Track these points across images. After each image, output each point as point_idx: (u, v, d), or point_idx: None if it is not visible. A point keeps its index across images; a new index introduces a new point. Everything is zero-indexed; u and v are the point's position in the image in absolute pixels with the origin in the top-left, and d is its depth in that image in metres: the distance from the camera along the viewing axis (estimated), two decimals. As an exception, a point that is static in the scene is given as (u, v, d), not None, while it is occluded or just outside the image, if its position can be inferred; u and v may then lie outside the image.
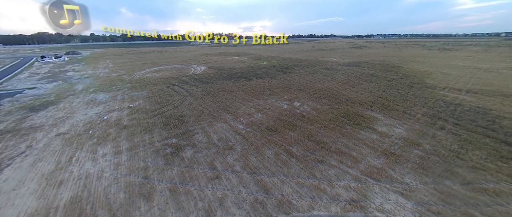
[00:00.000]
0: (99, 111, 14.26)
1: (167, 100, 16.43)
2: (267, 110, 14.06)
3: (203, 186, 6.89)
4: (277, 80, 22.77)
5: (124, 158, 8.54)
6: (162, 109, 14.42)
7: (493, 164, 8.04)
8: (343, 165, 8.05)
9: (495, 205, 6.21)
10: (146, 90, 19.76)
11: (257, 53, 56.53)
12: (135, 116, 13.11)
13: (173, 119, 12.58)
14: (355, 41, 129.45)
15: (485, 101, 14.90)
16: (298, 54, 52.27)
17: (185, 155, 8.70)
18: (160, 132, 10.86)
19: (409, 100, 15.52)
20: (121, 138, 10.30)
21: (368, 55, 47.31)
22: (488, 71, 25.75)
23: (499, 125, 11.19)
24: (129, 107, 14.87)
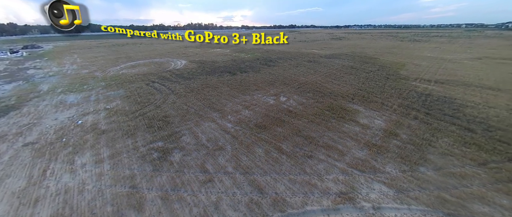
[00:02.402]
0: (71, 115, 13.08)
1: (148, 99, 15.58)
2: (254, 106, 14.06)
3: (196, 191, 6.79)
4: (262, 74, 22.73)
5: (107, 167, 8.03)
6: (144, 109, 13.67)
7: (458, 150, 9.02)
8: (330, 159, 8.45)
9: (462, 187, 7.03)
10: (123, 88, 18.50)
11: (240, 45, 55.51)
12: (114, 119, 12.27)
13: (157, 120, 12.02)
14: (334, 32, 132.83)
15: (450, 91, 16.45)
16: (280, 46, 52.38)
17: (174, 159, 8.44)
18: (144, 136, 10.33)
19: (386, 91, 16.56)
20: (100, 144, 9.62)
21: (347, 47, 49.04)
22: (452, 62, 28.29)
23: (463, 113, 12.50)
24: (106, 109, 13.85)
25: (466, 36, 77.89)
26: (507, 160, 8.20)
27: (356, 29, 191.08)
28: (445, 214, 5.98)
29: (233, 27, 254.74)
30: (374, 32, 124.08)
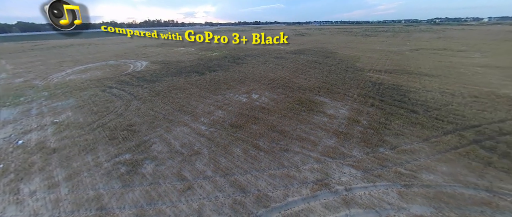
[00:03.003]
0: (7, 135, 10.90)
1: (106, 107, 13.98)
2: (227, 106, 13.91)
3: (176, 201, 6.46)
4: (231, 72, 22.52)
5: (64, 191, 6.99)
6: (102, 119, 12.22)
7: (407, 129, 10.54)
8: (305, 150, 8.97)
9: (412, 160, 8.27)
10: (73, 97, 16.18)
11: (205, 43, 53.67)
12: (66, 134, 10.69)
13: (120, 130, 10.91)
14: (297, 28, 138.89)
15: (397, 79, 18.98)
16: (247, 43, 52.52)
17: (146, 171, 7.83)
18: (106, 149, 9.28)
19: (347, 83, 18.21)
20: (52, 166, 8.29)
21: (310, 42, 51.97)
22: (396, 54, 32.56)
23: (408, 97, 14.59)
24: (54, 123, 11.95)
25: (405, 30, 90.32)
26: (443, 134, 9.94)
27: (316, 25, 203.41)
28: (402, 186, 6.99)
29: (196, 24, 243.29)
30: (332, 28, 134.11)
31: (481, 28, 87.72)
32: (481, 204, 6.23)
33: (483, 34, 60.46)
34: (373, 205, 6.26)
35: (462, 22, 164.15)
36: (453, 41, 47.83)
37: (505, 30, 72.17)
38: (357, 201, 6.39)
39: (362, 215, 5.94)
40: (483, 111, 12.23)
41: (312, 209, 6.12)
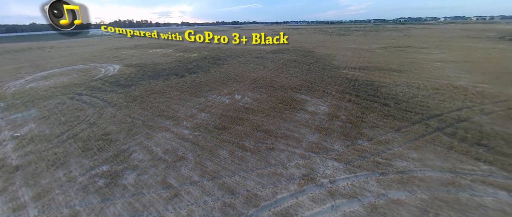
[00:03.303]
0: (-45, 152, 9.49)
1: (77, 117, 12.88)
2: (210, 108, 13.69)
3: (163, 210, 6.22)
4: (212, 74, 22.18)
5: (33, 212, 6.31)
6: (73, 130, 11.25)
7: (381, 121, 11.39)
8: (290, 147, 9.23)
9: (387, 150, 8.97)
10: (35, 107, 14.62)
11: (183, 44, 52.03)
12: (31, 149, 9.64)
13: (95, 140, 10.14)
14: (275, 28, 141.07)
15: (370, 75, 20.34)
16: (226, 43, 52.04)
17: (127, 182, 7.40)
18: (80, 162, 8.57)
19: (325, 80, 19.05)
20: (16, 185, 7.43)
21: (288, 42, 53.18)
22: (368, 51, 34.82)
23: (380, 92, 15.73)
24: (15, 138, 10.70)
25: (375, 29, 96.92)
26: (411, 124, 10.92)
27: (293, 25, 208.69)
28: (380, 174, 7.56)
29: (171, 24, 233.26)
30: (309, 28, 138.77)
31: (438, 27, 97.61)
32: (447, 184, 7.00)
33: (440, 32, 67.39)
34: (355, 194, 6.68)
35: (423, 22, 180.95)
36: (415, 39, 52.57)
37: (458, 29, 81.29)
38: (341, 192, 6.76)
39: (346, 205, 6.31)
40: (444, 101, 13.68)
41: (300, 204, 6.34)
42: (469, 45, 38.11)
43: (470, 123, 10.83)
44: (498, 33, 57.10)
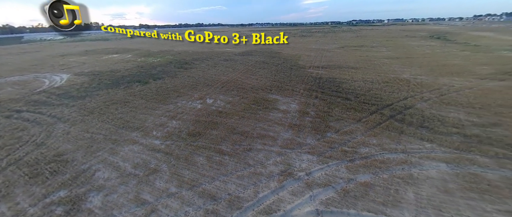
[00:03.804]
0: None
1: (18, 138, 10.91)
2: (181, 114, 13.12)
3: (139, 227, 5.75)
4: (180, 79, 21.24)
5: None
6: (14, 155, 9.48)
7: (345, 114, 12.56)
8: (267, 146, 9.49)
9: (352, 139, 9.95)
10: (-43, 129, 11.86)
11: (144, 47, 48.40)
12: (-45, 180, 7.79)
13: (45, 163, 8.74)
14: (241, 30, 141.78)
15: (332, 73, 22.18)
16: (192, 46, 50.31)
17: (93, 205, 6.61)
18: (29, 191, 7.30)
19: (293, 79, 20.06)
20: None
21: (256, 45, 54.18)
22: (328, 51, 37.84)
23: (342, 88, 17.31)
24: None
25: (332, 31, 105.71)
26: (369, 114, 12.33)
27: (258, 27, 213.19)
28: (348, 161, 8.35)
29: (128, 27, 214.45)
30: (273, 30, 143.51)
31: (384, 28, 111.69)
32: (401, 163, 8.14)
33: (385, 33, 77.23)
34: (329, 182, 7.26)
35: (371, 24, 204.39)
36: (366, 39, 59.24)
37: (398, 29, 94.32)
38: (317, 182, 7.27)
39: (322, 193, 6.82)
40: (393, 92, 15.80)
41: (282, 199, 6.60)
42: (408, 43, 44.68)
43: (414, 110, 12.76)
44: (429, 32, 68.31)
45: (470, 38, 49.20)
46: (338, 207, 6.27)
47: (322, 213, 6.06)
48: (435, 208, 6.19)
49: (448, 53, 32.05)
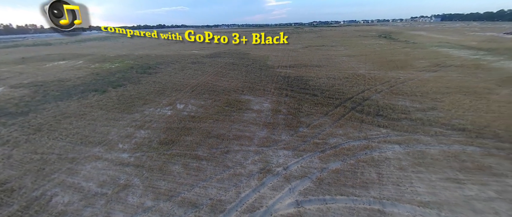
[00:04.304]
0: None
1: None
2: (149, 123, 12.30)
3: (113, 248, 5.26)
4: (144, 85, 19.80)
5: None
6: None
7: (313, 109, 13.48)
8: (244, 147, 9.61)
9: (322, 132, 10.76)
10: None
11: (97, 52, 43.40)
12: None
13: (-19, 192, 7.26)
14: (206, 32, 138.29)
15: (299, 72, 23.46)
16: (155, 49, 47.22)
17: (52, 231, 5.77)
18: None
19: (263, 80, 20.60)
20: None
21: (223, 45, 53.69)
22: (294, 51, 39.82)
23: (309, 85, 18.49)
24: None
25: (296, 32, 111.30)
26: (335, 108, 13.49)
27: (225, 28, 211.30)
28: (320, 152, 9.04)
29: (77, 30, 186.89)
30: (240, 31, 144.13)
31: (341, 29, 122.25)
32: (364, 148, 9.17)
33: (342, 33, 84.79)
34: (305, 173, 7.77)
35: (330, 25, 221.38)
36: (327, 39, 64.16)
37: (353, 30, 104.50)
38: (294, 175, 7.70)
39: (300, 185, 7.26)
40: (352, 87, 17.55)
41: (263, 195, 6.81)
42: (361, 42, 49.93)
43: (370, 101, 14.42)
44: (377, 32, 77.42)
45: (409, 36, 57.55)
46: (315, 195, 6.76)
47: (301, 203, 6.46)
48: (393, 183, 7.18)
49: (393, 50, 36.94)
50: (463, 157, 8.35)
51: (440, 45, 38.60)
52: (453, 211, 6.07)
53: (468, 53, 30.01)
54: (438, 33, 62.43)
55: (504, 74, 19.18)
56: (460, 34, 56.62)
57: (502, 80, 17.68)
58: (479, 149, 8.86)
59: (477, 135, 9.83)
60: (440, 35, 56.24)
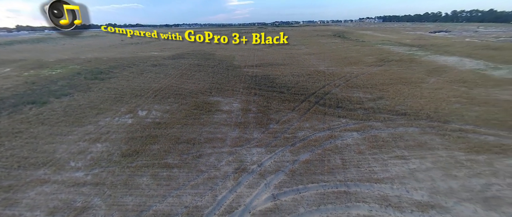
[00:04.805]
0: None
1: None
2: (106, 134, 11.04)
3: None
4: (96, 92, 17.60)
5: None
6: None
7: (282, 106, 14.07)
8: (217, 149, 9.47)
9: (291, 126, 11.34)
10: None
11: (31, 57, 36.40)
12: None
13: None
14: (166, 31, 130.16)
15: (265, 70, 24.10)
16: (107, 51, 42.18)
17: None
18: None
19: (231, 80, 20.52)
20: None
21: (186, 46, 51.26)
22: (259, 50, 40.63)
23: (276, 83, 19.18)
24: None
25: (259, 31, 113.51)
26: (300, 103, 14.34)
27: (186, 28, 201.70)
28: (290, 146, 9.54)
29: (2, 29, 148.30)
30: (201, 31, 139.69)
31: (300, 29, 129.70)
32: (329, 138, 10.04)
33: (302, 33, 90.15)
34: (278, 167, 8.11)
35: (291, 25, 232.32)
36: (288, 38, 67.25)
37: (311, 30, 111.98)
38: (268, 170, 7.96)
39: (274, 178, 7.55)
40: (314, 83, 18.91)
41: (240, 194, 6.86)
42: (319, 41, 53.99)
43: (331, 95, 15.80)
44: (332, 32, 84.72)
45: (358, 35, 64.68)
46: (289, 187, 7.14)
47: (277, 196, 6.74)
48: (355, 166, 8.08)
49: (346, 48, 41.05)
50: (406, 137, 9.90)
51: (383, 43, 44.52)
52: (402, 183, 7.18)
53: (404, 49, 35.39)
54: (381, 33, 71.83)
55: (431, 66, 23.31)
56: (397, 33, 66.29)
57: (430, 71, 21.47)
58: (417, 129, 10.63)
59: (415, 117, 11.76)
60: (382, 34, 64.82)
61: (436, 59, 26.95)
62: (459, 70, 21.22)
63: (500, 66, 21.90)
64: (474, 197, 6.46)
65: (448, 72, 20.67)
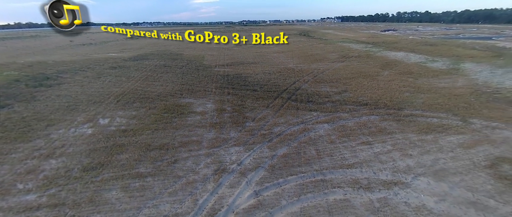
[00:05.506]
0: None
1: None
2: (61, 148, 9.66)
3: None
4: (43, 102, 15.19)
5: None
6: None
7: (256, 104, 14.24)
8: (193, 152, 9.12)
9: (266, 123, 11.57)
10: None
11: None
12: None
13: None
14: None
15: (236, 69, 24.00)
16: (53, 54, 36.52)
17: None
18: None
19: (202, 80, 19.91)
20: None
21: (149, 46, 47.72)
22: (228, 50, 40.21)
23: (248, 81, 19.28)
24: None
25: (227, 31, 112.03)
26: (274, 100, 14.73)
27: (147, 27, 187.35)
28: (267, 142, 9.75)
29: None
30: (166, 29, 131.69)
31: (268, 28, 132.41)
32: (303, 131, 10.56)
33: (269, 32, 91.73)
34: (258, 164, 8.22)
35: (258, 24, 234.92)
36: (257, 37, 68.09)
37: (278, 29, 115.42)
38: (248, 168, 8.01)
39: (255, 175, 7.63)
40: (286, 79, 19.60)
41: (222, 196, 6.75)
42: (286, 40, 55.98)
43: (301, 90, 16.60)
44: (298, 31, 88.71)
45: (322, 34, 69.11)
46: (270, 181, 7.31)
47: (259, 192, 6.84)
48: (328, 155, 8.69)
49: (312, 46, 43.50)
50: (369, 125, 11.03)
51: (343, 41, 48.46)
52: (369, 166, 8.00)
53: (361, 46, 39.13)
54: (340, 31, 78.02)
55: (384, 61, 26.31)
56: (354, 32, 72.89)
57: (383, 65, 24.21)
58: (377, 117, 11.92)
59: (374, 106, 13.16)
60: (342, 33, 70.51)
61: (387, 54, 30.52)
62: (406, 64, 24.44)
63: (436, 59, 25.98)
64: (426, 171, 7.59)
65: (398, 66, 23.64)
